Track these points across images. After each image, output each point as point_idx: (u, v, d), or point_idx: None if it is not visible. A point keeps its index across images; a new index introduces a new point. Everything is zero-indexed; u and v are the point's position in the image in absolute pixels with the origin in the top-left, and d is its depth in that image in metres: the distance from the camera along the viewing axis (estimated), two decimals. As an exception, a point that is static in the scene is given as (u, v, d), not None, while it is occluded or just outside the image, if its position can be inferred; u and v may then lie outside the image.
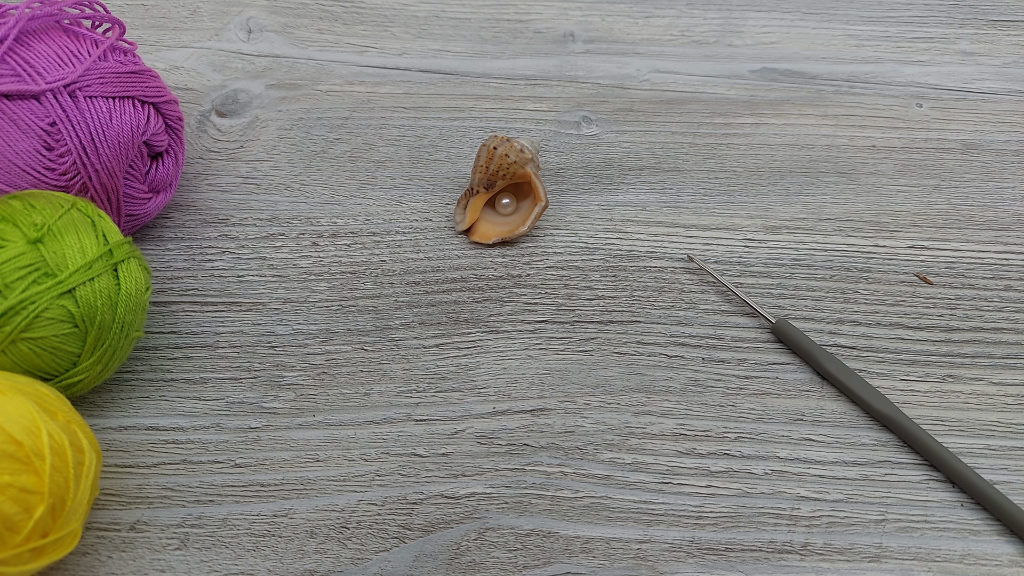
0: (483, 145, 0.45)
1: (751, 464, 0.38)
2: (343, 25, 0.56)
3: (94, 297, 0.35)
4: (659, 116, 0.52)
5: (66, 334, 0.35)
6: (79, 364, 0.35)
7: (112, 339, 0.36)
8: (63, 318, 0.34)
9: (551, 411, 0.40)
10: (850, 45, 0.56)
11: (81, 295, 0.34)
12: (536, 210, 0.45)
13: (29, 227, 0.35)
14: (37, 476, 0.30)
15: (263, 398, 0.40)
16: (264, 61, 0.53)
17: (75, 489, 0.32)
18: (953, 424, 0.40)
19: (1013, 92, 0.54)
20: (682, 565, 0.36)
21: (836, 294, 0.44)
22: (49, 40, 0.39)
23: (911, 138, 0.51)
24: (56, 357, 0.35)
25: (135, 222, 0.43)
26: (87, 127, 0.38)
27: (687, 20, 0.57)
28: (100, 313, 0.35)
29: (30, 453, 0.30)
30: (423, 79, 0.53)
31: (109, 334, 0.36)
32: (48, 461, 0.31)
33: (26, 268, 0.34)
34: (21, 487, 0.30)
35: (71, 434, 0.32)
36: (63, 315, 0.34)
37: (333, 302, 0.43)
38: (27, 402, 0.32)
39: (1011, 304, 0.44)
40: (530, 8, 0.57)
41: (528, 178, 0.45)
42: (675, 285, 0.44)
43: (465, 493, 0.37)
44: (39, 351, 0.34)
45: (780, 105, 0.53)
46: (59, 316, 0.34)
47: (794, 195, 0.48)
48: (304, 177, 0.48)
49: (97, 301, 0.35)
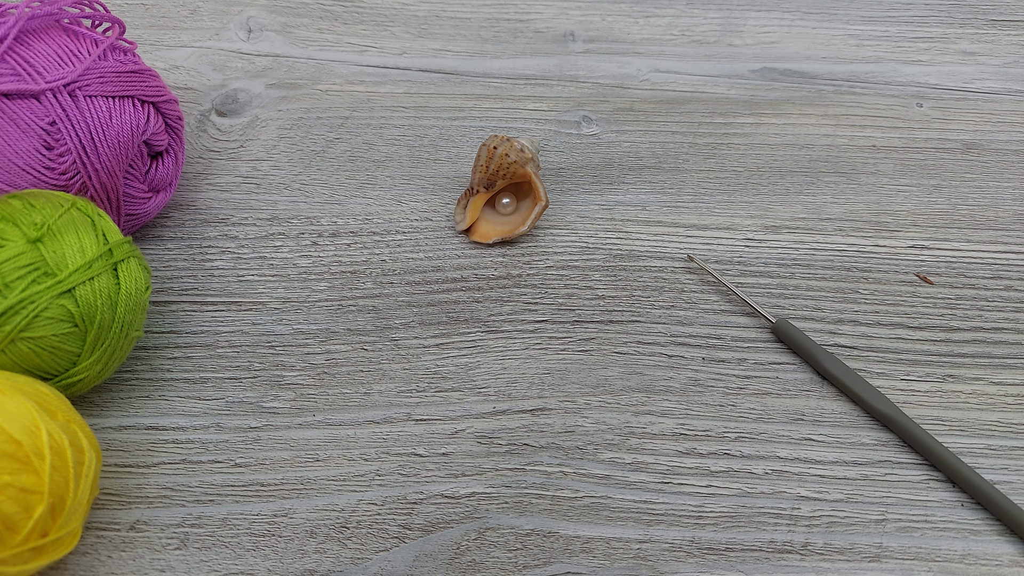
0: (483, 145, 0.45)
1: (751, 464, 0.38)
2: (343, 25, 0.56)
3: (94, 297, 0.35)
4: (659, 116, 0.52)
5: (66, 334, 0.34)
6: (79, 364, 0.35)
7: (112, 339, 0.36)
8: (63, 317, 0.34)
9: (551, 411, 0.40)
10: (850, 45, 0.56)
11: (81, 295, 0.34)
12: (536, 210, 0.45)
13: (29, 226, 0.34)
14: (37, 476, 0.30)
15: (263, 398, 0.40)
16: (264, 61, 0.53)
17: (75, 489, 0.32)
18: (953, 424, 0.40)
19: (1013, 92, 0.54)
20: (682, 565, 0.36)
21: (836, 294, 0.44)
22: (49, 39, 0.39)
23: (911, 138, 0.51)
24: (56, 357, 0.35)
25: (135, 221, 0.43)
26: (87, 126, 0.38)
27: (687, 20, 0.57)
28: (100, 313, 0.35)
29: (30, 453, 0.30)
30: (423, 79, 0.53)
31: (109, 334, 0.36)
32: (48, 461, 0.31)
33: (26, 267, 0.34)
34: (21, 487, 0.30)
35: (71, 433, 0.32)
36: (63, 314, 0.34)
37: (333, 302, 0.43)
38: (27, 401, 0.32)
39: (1011, 304, 0.44)
40: (530, 8, 0.57)
41: (528, 178, 0.45)
42: (675, 285, 0.44)
43: (465, 493, 0.37)
44: (39, 350, 0.34)
45: (780, 105, 0.53)
46: (59, 316, 0.34)
47: (794, 195, 0.48)
48: (304, 177, 0.48)
49: (97, 301, 0.35)
